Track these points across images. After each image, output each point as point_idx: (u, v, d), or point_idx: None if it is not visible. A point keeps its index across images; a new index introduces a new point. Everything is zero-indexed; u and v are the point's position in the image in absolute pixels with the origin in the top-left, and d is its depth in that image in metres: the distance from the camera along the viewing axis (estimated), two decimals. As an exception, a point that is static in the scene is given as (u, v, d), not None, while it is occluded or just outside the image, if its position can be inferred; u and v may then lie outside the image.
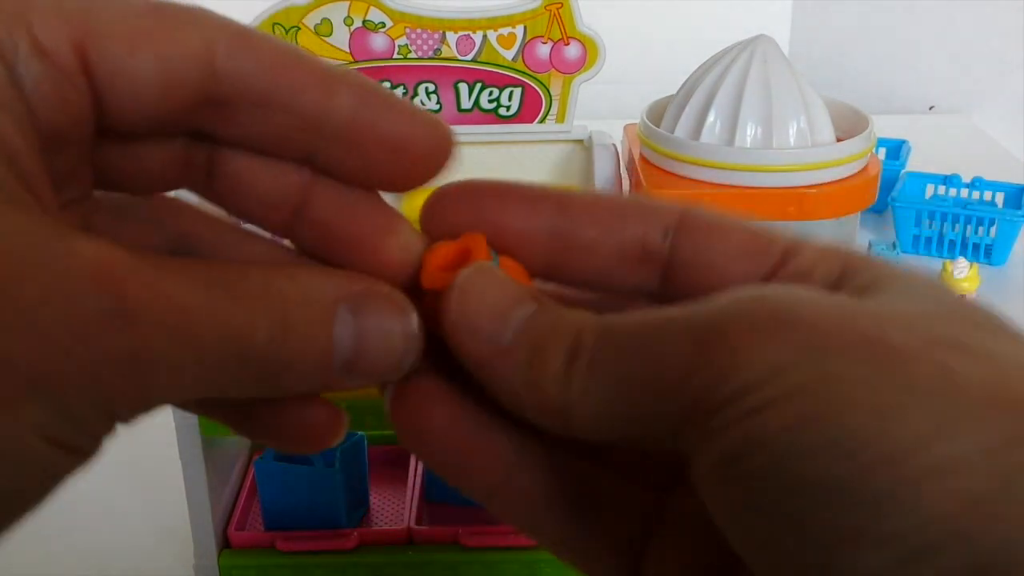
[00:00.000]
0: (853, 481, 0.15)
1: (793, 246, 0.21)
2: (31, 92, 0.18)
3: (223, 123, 0.20)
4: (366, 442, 0.47)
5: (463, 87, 0.55)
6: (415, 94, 0.55)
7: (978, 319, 0.18)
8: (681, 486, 0.22)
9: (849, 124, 0.58)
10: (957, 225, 0.76)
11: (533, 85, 0.55)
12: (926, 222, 0.77)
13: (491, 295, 0.20)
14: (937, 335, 0.17)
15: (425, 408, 0.21)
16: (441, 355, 0.21)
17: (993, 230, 0.76)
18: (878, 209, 0.81)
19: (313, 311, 0.20)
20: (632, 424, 0.19)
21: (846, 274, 0.20)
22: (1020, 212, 0.75)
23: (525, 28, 0.53)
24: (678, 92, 0.59)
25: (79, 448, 0.17)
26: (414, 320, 0.21)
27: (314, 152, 0.21)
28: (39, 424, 0.16)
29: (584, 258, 0.22)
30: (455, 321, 0.20)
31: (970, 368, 0.16)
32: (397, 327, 0.20)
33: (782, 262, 0.21)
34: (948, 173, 0.80)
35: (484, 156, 0.57)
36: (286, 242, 0.23)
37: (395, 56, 0.54)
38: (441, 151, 0.21)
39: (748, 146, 0.54)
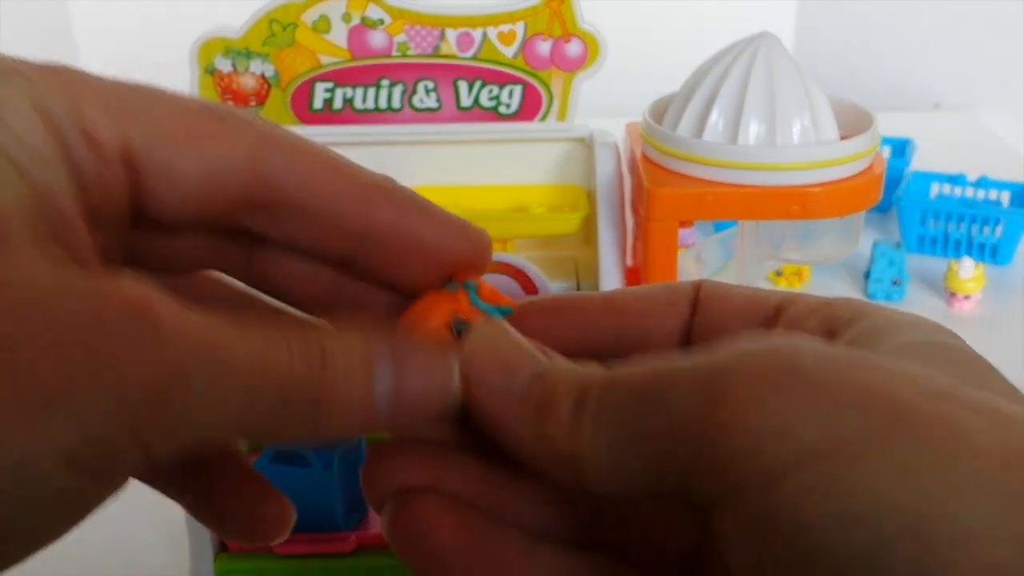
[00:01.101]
0: (877, 552, 0.15)
1: (785, 301, 0.23)
2: (78, 170, 0.19)
3: (264, 225, 0.22)
4: (364, 445, 0.46)
5: (463, 85, 0.54)
6: (414, 91, 0.54)
7: (975, 365, 0.18)
8: None
9: (853, 122, 0.57)
10: (962, 224, 0.76)
11: (534, 83, 0.54)
12: (931, 221, 0.76)
13: (502, 350, 0.21)
14: (941, 388, 0.17)
15: (432, 521, 0.21)
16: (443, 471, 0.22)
17: (999, 229, 0.75)
18: (883, 208, 0.80)
19: (350, 347, 0.20)
20: (643, 474, 0.19)
21: (838, 323, 0.21)
22: (1026, 211, 0.75)
23: (526, 25, 0.53)
24: (680, 90, 0.58)
25: (105, 475, 0.17)
26: (452, 354, 0.21)
27: (352, 258, 0.23)
28: (60, 444, 0.16)
29: (641, 352, 0.23)
30: (467, 374, 0.21)
31: (978, 424, 0.16)
32: (436, 356, 0.21)
33: (776, 316, 0.22)
34: (953, 172, 0.80)
35: (484, 155, 0.56)
36: None
37: (394, 53, 0.53)
38: (477, 258, 0.24)
39: (751, 144, 0.54)
